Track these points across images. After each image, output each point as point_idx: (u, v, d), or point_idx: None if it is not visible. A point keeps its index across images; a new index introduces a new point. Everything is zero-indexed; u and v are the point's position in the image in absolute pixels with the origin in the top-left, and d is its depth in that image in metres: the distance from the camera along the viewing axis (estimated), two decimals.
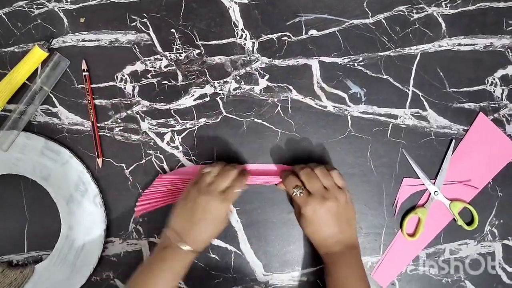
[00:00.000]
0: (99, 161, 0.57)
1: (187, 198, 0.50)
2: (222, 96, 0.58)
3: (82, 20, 0.58)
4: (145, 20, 0.58)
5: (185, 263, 0.49)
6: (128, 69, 0.58)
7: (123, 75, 0.58)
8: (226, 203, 0.49)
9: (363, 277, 0.49)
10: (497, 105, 0.58)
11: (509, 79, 0.58)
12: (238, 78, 0.58)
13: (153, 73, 0.58)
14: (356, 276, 0.49)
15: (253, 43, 0.58)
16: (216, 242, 0.58)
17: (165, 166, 0.58)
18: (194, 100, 0.58)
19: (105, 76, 0.58)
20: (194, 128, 0.58)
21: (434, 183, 0.57)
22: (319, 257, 0.58)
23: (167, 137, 0.58)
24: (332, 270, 0.49)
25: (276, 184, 0.55)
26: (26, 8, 0.58)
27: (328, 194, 0.49)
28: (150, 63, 0.58)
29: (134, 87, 0.58)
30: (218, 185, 0.49)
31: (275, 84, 0.58)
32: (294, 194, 0.49)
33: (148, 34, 0.58)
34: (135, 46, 0.58)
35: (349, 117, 0.58)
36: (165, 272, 0.47)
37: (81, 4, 0.58)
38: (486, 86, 0.58)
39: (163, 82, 0.58)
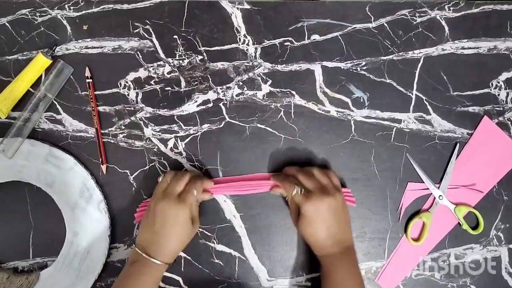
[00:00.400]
0: (103, 167, 0.58)
1: (148, 211, 0.50)
2: (225, 102, 0.58)
3: (85, 27, 0.58)
4: (147, 26, 0.58)
5: (155, 276, 0.49)
6: (132, 75, 0.58)
7: (127, 82, 0.58)
8: (182, 206, 0.48)
9: (360, 278, 0.49)
10: (501, 109, 0.57)
11: None
12: (241, 83, 0.58)
13: (156, 80, 0.58)
14: (354, 277, 0.49)
15: (256, 48, 0.58)
16: (220, 247, 0.58)
17: None
18: (197, 106, 0.58)
19: (108, 83, 0.58)
20: (197, 134, 0.58)
21: (438, 187, 0.57)
22: None
23: (170, 143, 0.58)
24: (330, 272, 0.49)
25: (270, 189, 0.55)
26: (30, 16, 0.58)
27: (327, 190, 0.49)
28: (153, 69, 0.58)
29: (137, 93, 0.58)
30: (172, 189, 0.49)
31: (278, 90, 0.58)
32: (295, 193, 0.49)
33: (151, 41, 0.58)
34: (138, 52, 0.58)
35: (352, 122, 0.58)
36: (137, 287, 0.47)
37: (84, 12, 0.58)
38: (491, 89, 0.57)
39: (166, 88, 0.58)
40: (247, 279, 0.58)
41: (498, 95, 0.57)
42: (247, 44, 0.58)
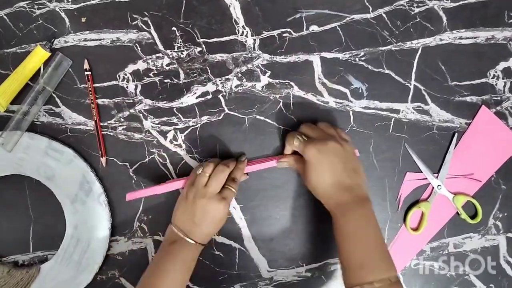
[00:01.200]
0: (103, 160, 0.58)
1: (187, 199, 0.51)
2: (224, 94, 0.58)
3: (83, 19, 0.58)
4: (146, 18, 0.58)
5: (195, 255, 0.50)
6: (130, 68, 0.58)
7: (125, 74, 0.58)
8: (223, 203, 0.49)
9: (378, 232, 0.45)
10: (499, 98, 0.58)
11: (511, 72, 0.58)
12: (239, 75, 0.58)
13: (155, 72, 0.58)
14: (369, 229, 0.45)
15: (254, 40, 0.58)
16: (221, 239, 0.58)
17: (169, 165, 0.58)
18: (196, 98, 0.58)
19: (107, 75, 0.58)
20: (196, 126, 0.58)
21: (437, 177, 0.57)
22: (324, 252, 0.58)
23: (170, 135, 0.58)
24: (342, 222, 0.45)
25: (276, 162, 0.54)
26: (28, 9, 0.58)
27: (331, 137, 0.48)
28: (152, 61, 0.58)
29: (136, 86, 0.58)
30: (213, 186, 0.50)
31: (277, 81, 0.58)
32: (296, 140, 0.48)
33: (150, 33, 0.58)
34: (136, 45, 0.58)
35: (351, 113, 0.58)
36: (178, 265, 0.48)
37: (82, 4, 0.58)
38: (488, 79, 0.58)
39: (165, 80, 0.58)
40: (247, 270, 0.58)
41: (496, 84, 0.58)
42: (246, 36, 0.58)
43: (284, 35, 0.58)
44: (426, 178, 0.58)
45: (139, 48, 0.58)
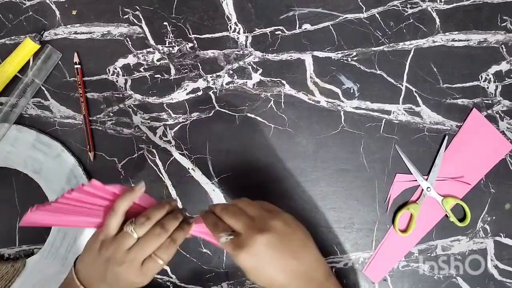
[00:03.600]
0: (91, 154, 0.57)
1: (99, 253, 0.39)
2: (215, 90, 0.58)
3: (74, 12, 0.57)
4: (137, 12, 0.57)
5: None
6: (120, 62, 0.57)
7: (115, 68, 0.57)
8: (142, 278, 0.40)
9: None
10: (490, 102, 0.58)
11: (503, 75, 0.58)
12: (231, 72, 0.58)
13: (146, 67, 0.57)
14: None
15: (246, 37, 0.57)
16: None
17: (158, 161, 0.58)
18: (187, 94, 0.58)
19: (97, 69, 0.57)
20: (186, 123, 0.58)
21: (426, 179, 0.57)
22: None
23: (159, 131, 0.58)
24: None
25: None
26: (18, 0, 0.57)
27: (258, 224, 0.37)
28: (142, 56, 0.57)
29: (126, 80, 0.57)
30: (137, 257, 0.39)
31: (268, 79, 0.57)
32: (223, 240, 0.38)
33: (141, 27, 0.57)
34: (127, 39, 0.57)
35: (342, 113, 0.58)
36: None
37: None
38: (480, 82, 0.58)
39: (156, 75, 0.57)
40: (234, 269, 0.58)
41: (487, 88, 0.58)
42: (238, 33, 0.57)
43: (277, 33, 0.57)
44: (416, 180, 0.57)
45: (129, 42, 0.57)
